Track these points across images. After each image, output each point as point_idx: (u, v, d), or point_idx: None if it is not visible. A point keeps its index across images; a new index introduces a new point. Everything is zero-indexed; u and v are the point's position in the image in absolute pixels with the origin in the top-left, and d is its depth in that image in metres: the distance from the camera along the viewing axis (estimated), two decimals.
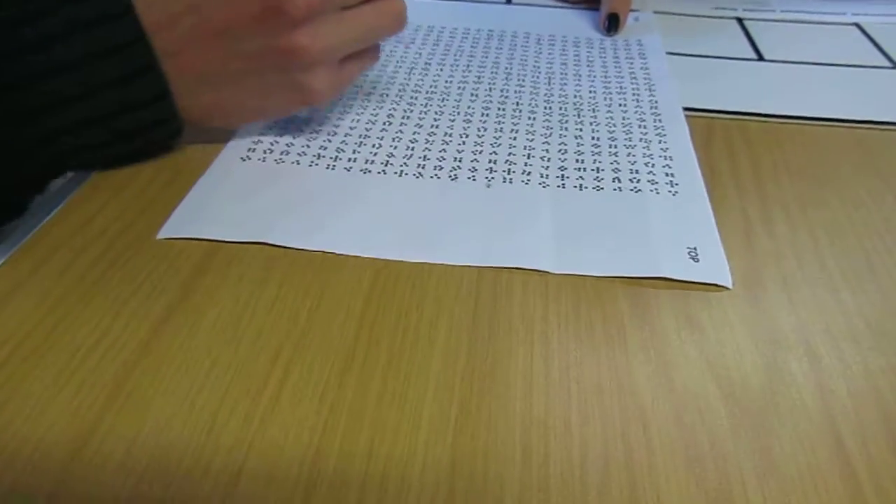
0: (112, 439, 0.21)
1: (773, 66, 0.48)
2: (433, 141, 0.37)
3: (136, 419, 0.22)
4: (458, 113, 0.39)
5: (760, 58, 0.49)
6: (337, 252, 0.29)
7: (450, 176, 0.34)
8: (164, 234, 0.30)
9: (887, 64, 0.48)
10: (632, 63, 0.46)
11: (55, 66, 0.29)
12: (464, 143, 0.36)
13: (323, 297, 0.27)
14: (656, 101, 0.41)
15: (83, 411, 0.22)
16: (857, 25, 0.55)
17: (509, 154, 0.35)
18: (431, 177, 0.34)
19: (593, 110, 0.40)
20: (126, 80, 0.30)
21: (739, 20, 0.56)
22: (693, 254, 0.29)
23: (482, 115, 0.39)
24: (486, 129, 0.38)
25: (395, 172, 0.34)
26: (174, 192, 0.32)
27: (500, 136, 0.37)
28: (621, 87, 0.43)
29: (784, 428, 0.23)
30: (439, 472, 0.21)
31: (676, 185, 0.33)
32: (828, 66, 0.48)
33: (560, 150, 0.36)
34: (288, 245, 0.29)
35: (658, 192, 0.33)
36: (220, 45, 0.31)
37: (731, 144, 0.38)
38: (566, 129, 0.38)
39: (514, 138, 0.37)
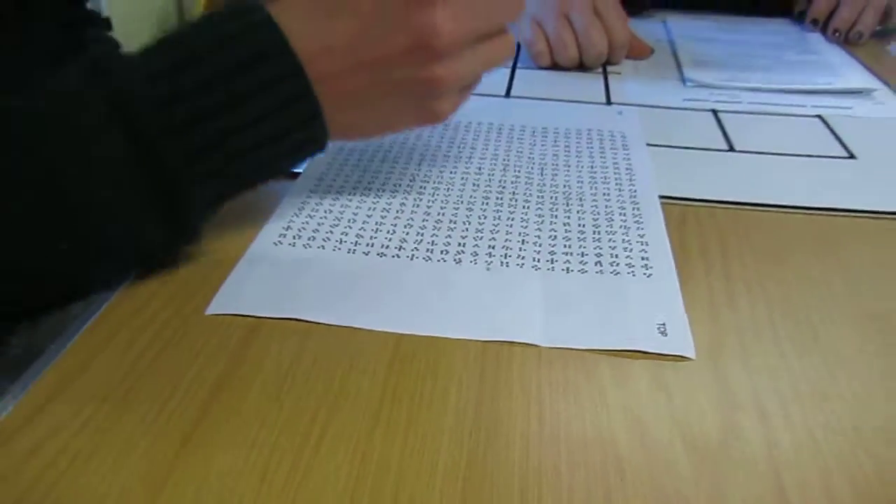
0: (182, 486, 0.26)
1: (743, 156, 0.54)
2: (440, 227, 0.42)
3: (201, 470, 0.27)
4: (462, 202, 0.45)
5: (731, 148, 0.55)
6: (361, 326, 0.34)
7: (454, 260, 0.39)
8: (211, 310, 0.35)
9: (844, 154, 0.54)
10: (615, 154, 0.52)
11: (219, 104, 0.33)
12: (466, 229, 0.42)
13: (351, 366, 0.32)
14: (636, 191, 0.47)
15: (157, 464, 0.27)
16: (820, 117, 0.61)
17: (506, 240, 0.41)
18: (439, 260, 0.39)
19: (580, 199, 0.45)
20: (283, 106, 0.34)
21: (714, 112, 0.62)
22: (662, 329, 0.34)
23: (482, 203, 0.45)
24: (485, 217, 0.43)
25: (408, 256, 0.39)
26: (217, 275, 0.38)
27: (498, 224, 0.43)
28: (605, 178, 0.48)
29: (736, 476, 0.27)
30: None
31: (651, 267, 0.39)
32: (792, 157, 0.54)
33: (550, 237, 0.41)
34: (319, 320, 0.34)
35: (634, 275, 0.38)
36: (369, 73, 0.36)
37: (702, 229, 0.44)
38: (556, 216, 0.43)
39: (511, 225, 0.42)
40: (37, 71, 0.39)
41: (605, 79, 0.69)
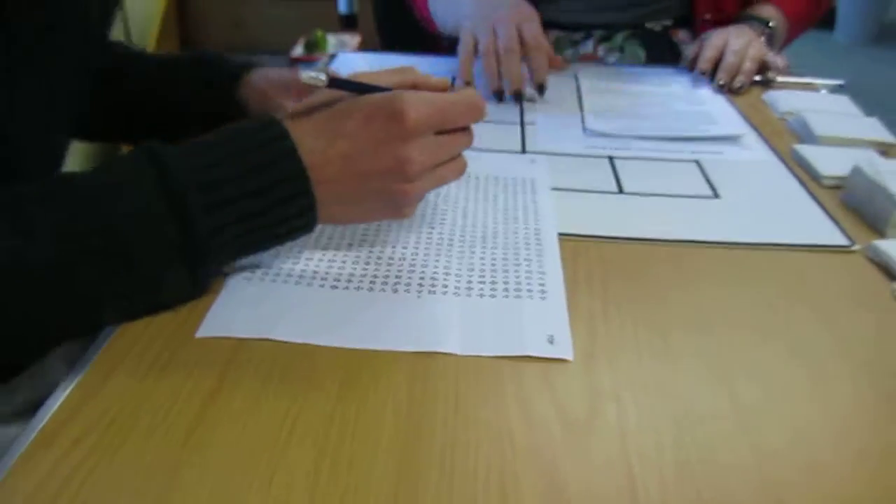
0: (186, 478, 0.35)
1: (629, 197, 0.65)
2: (380, 263, 0.52)
3: (202, 459, 0.36)
4: (398, 241, 0.55)
5: (621, 190, 0.67)
6: (319, 343, 0.44)
7: (392, 289, 0.49)
8: (200, 333, 0.45)
9: (711, 194, 0.67)
10: (525, 198, 0.63)
11: (242, 194, 0.43)
12: (402, 264, 0.52)
13: (312, 375, 0.42)
14: (539, 229, 0.58)
15: (163, 454, 0.36)
16: (696, 161, 0.74)
17: (433, 272, 0.51)
18: (381, 290, 0.49)
19: (494, 237, 0.56)
20: (289, 199, 0.45)
21: (610, 158, 0.74)
22: (551, 339, 0.45)
23: (415, 243, 0.55)
24: (417, 254, 0.54)
25: (355, 287, 0.49)
26: (202, 305, 0.47)
27: (427, 259, 0.53)
28: (515, 218, 0.59)
29: (598, 444, 0.38)
30: (391, 481, 0.35)
31: (545, 292, 0.49)
32: (669, 197, 0.66)
33: (469, 269, 0.52)
34: (285, 339, 0.44)
35: (532, 298, 0.49)
36: (356, 182, 0.47)
37: (590, 260, 0.55)
38: (474, 252, 0.54)
39: (437, 261, 0.53)
40: (18, 70, 0.48)
41: (522, 129, 0.80)
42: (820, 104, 0.88)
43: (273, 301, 0.48)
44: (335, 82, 0.48)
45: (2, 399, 0.48)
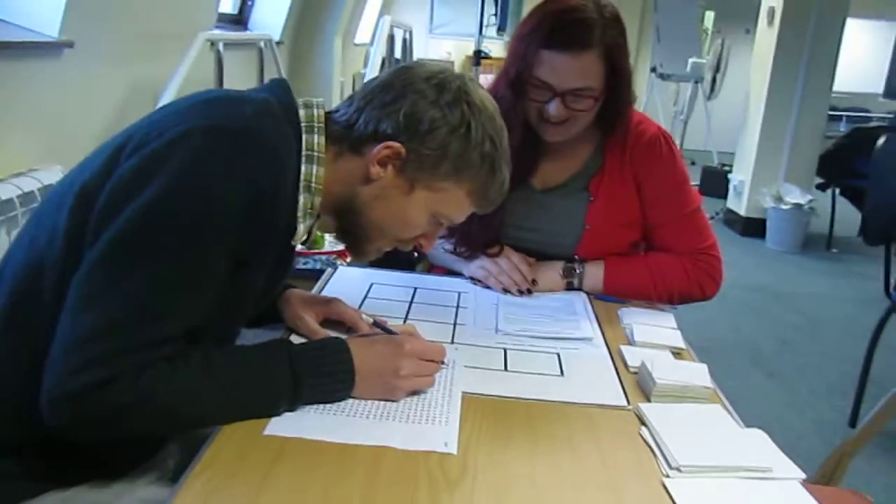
0: None
1: (513, 374, 1.10)
2: (368, 412, 0.97)
3: None
4: (382, 403, 1.00)
5: (506, 369, 1.12)
6: (342, 441, 0.87)
7: (386, 418, 0.94)
8: (268, 432, 0.88)
9: (559, 373, 1.12)
10: (446, 371, 1.08)
11: (323, 374, 0.94)
12: (386, 407, 0.97)
13: (341, 466, 0.85)
14: (452, 388, 1.02)
15: None
16: (557, 354, 1.19)
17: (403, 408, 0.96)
18: (379, 417, 0.93)
19: (421, 392, 1.01)
20: (342, 382, 0.95)
21: (504, 349, 1.19)
22: (445, 444, 0.88)
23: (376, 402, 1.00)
24: (378, 405, 0.98)
25: (363, 416, 0.93)
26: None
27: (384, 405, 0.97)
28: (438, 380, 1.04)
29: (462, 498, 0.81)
30: None
31: (448, 420, 0.93)
32: (540, 375, 1.11)
33: (407, 401, 0.97)
34: (322, 439, 0.87)
35: (436, 424, 0.93)
36: (374, 377, 0.96)
37: (485, 410, 0.99)
38: (406, 397, 0.99)
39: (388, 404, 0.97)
40: (247, 299, 0.98)
41: (453, 329, 1.26)
42: (647, 318, 1.35)
43: (311, 419, 0.91)
44: (375, 323, 1.03)
45: (159, 464, 0.90)
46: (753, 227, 5.13)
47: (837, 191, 4.85)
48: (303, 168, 0.95)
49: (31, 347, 0.83)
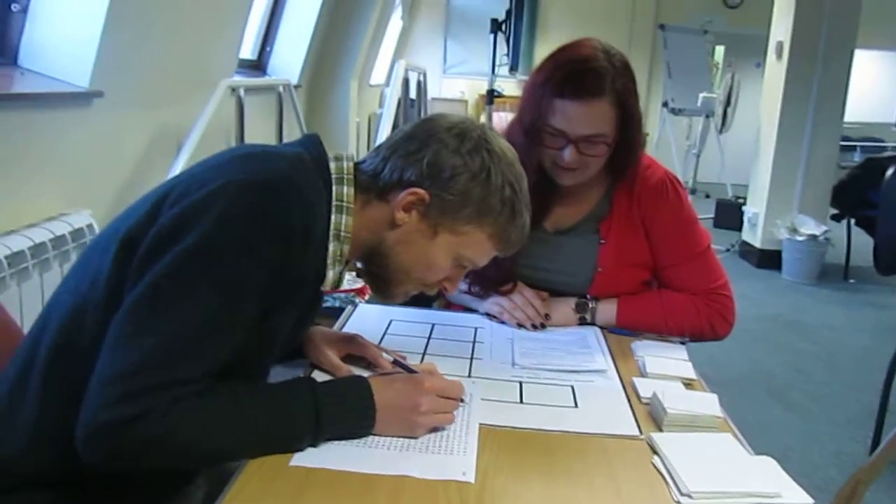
0: None
1: (529, 406, 1.14)
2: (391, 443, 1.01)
3: None
4: (402, 438, 1.04)
5: (521, 401, 1.16)
6: (361, 471, 0.91)
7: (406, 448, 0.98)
8: (294, 463, 0.92)
9: (573, 404, 1.16)
10: (465, 406, 1.12)
11: (342, 414, 0.97)
12: (410, 442, 1.01)
13: (364, 495, 0.89)
14: (470, 422, 1.06)
15: None
16: (572, 387, 1.23)
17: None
18: (399, 449, 0.97)
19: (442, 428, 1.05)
20: (362, 419, 0.98)
21: (520, 382, 1.23)
22: (465, 474, 0.92)
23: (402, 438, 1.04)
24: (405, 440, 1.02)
25: (384, 447, 0.98)
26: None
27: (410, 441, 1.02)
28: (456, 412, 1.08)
29: None
30: None
31: (466, 451, 0.98)
32: (552, 407, 1.15)
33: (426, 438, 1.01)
34: (341, 469, 0.91)
35: (454, 454, 0.97)
36: (395, 414, 0.99)
37: (500, 441, 1.03)
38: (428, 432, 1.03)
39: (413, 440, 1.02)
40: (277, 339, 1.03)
41: (470, 363, 1.30)
42: (659, 350, 1.39)
43: (332, 452, 0.96)
44: (396, 362, 1.06)
45: (188, 496, 0.95)
46: (769, 259, 5.13)
47: (853, 221, 4.86)
48: (332, 217, 1.02)
49: (70, 386, 0.88)
